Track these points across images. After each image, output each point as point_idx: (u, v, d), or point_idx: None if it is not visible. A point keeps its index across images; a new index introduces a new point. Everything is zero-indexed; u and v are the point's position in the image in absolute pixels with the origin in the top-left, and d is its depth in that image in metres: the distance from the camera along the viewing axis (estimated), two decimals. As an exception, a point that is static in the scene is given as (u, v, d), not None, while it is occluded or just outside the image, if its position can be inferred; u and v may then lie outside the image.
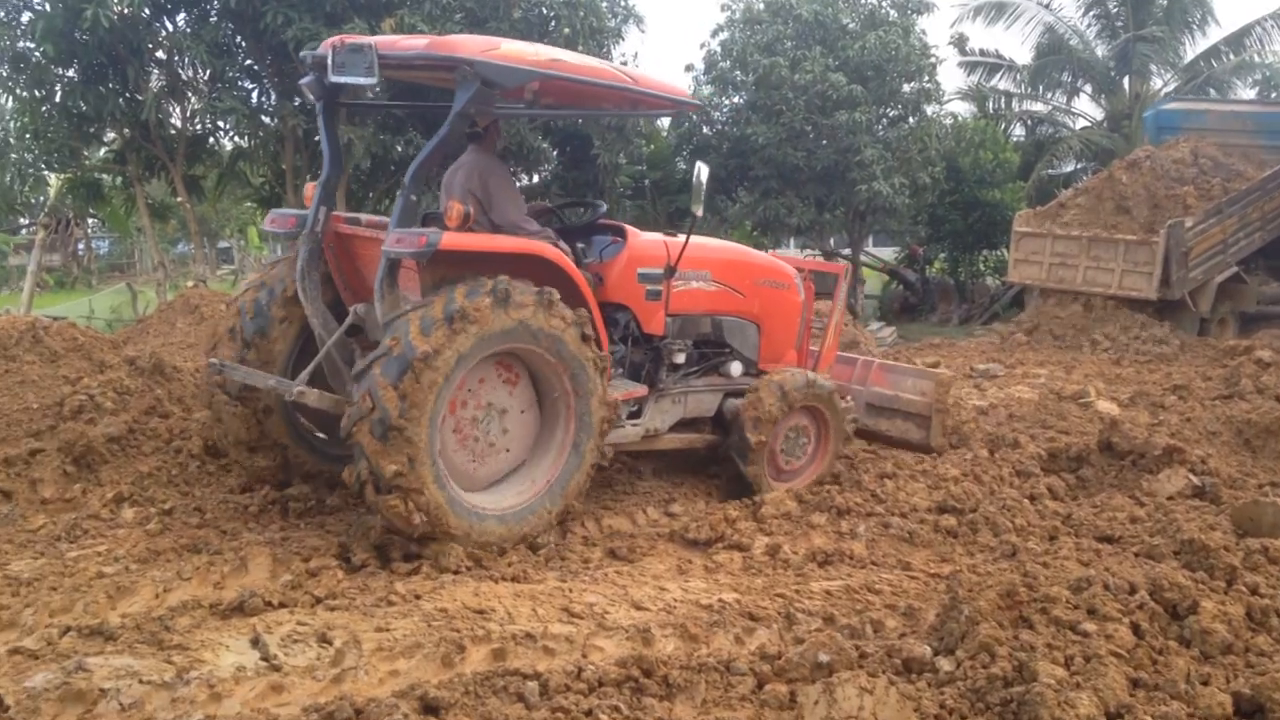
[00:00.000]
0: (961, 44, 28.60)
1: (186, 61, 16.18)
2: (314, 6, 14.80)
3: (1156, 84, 27.22)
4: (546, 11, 16.71)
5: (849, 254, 23.85)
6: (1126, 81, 27.12)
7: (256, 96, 17.47)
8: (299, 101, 16.70)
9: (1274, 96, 26.70)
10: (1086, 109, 29.12)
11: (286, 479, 6.49)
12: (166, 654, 4.06)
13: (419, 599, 4.84)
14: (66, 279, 32.32)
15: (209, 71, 16.29)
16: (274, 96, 17.20)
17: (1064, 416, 9.42)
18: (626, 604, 5.01)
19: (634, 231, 6.86)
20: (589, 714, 3.70)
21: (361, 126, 16.07)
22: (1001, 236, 22.82)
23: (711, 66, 21.60)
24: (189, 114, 17.15)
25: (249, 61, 16.95)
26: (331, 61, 5.65)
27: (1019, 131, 28.68)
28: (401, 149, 16.79)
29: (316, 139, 17.38)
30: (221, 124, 17.24)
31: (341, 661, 4.10)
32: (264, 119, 17.19)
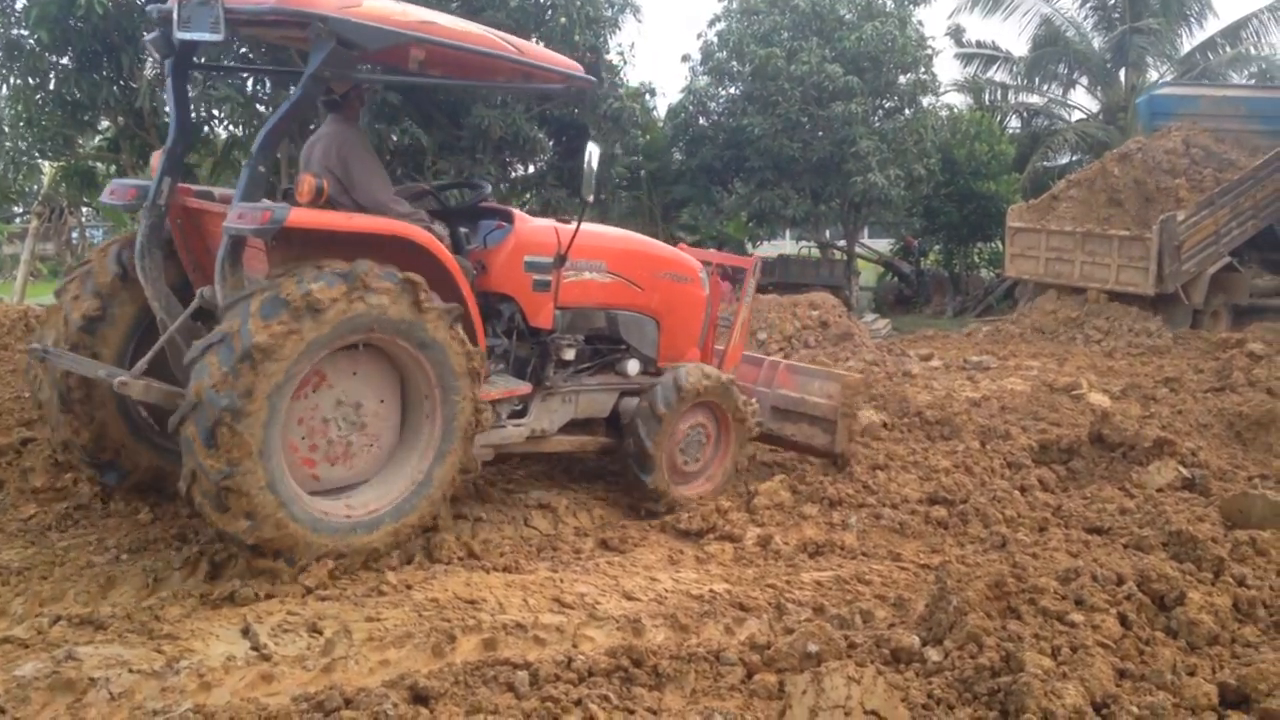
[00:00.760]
0: (958, 35, 28.66)
1: (181, 49, 16.08)
2: (309, -5, 14.74)
3: (1153, 76, 27.25)
4: (543, 1, 16.67)
5: (844, 245, 23.87)
6: (1123, 74, 27.14)
7: (251, 85, 17.43)
8: (294, 91, 16.66)
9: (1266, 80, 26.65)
10: (1083, 101, 29.21)
11: (132, 481, 5.86)
12: (156, 643, 4.05)
13: (410, 589, 4.85)
14: (60, 268, 32.26)
15: (203, 59, 16.21)
16: (269, 85, 17.16)
17: (1056, 408, 9.44)
18: (618, 594, 5.02)
19: (522, 216, 6.36)
20: (578, 704, 3.71)
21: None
22: (996, 229, 22.89)
23: (708, 57, 21.60)
24: (184, 103, 17.08)
25: (244, 49, 16.89)
26: (177, 16, 5.14)
27: (1015, 123, 28.73)
28: (397, 138, 16.76)
29: (313, 128, 17.34)
30: (216, 112, 17.18)
31: (332, 651, 4.11)
32: (259, 108, 17.15)
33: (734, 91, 21.53)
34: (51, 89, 16.00)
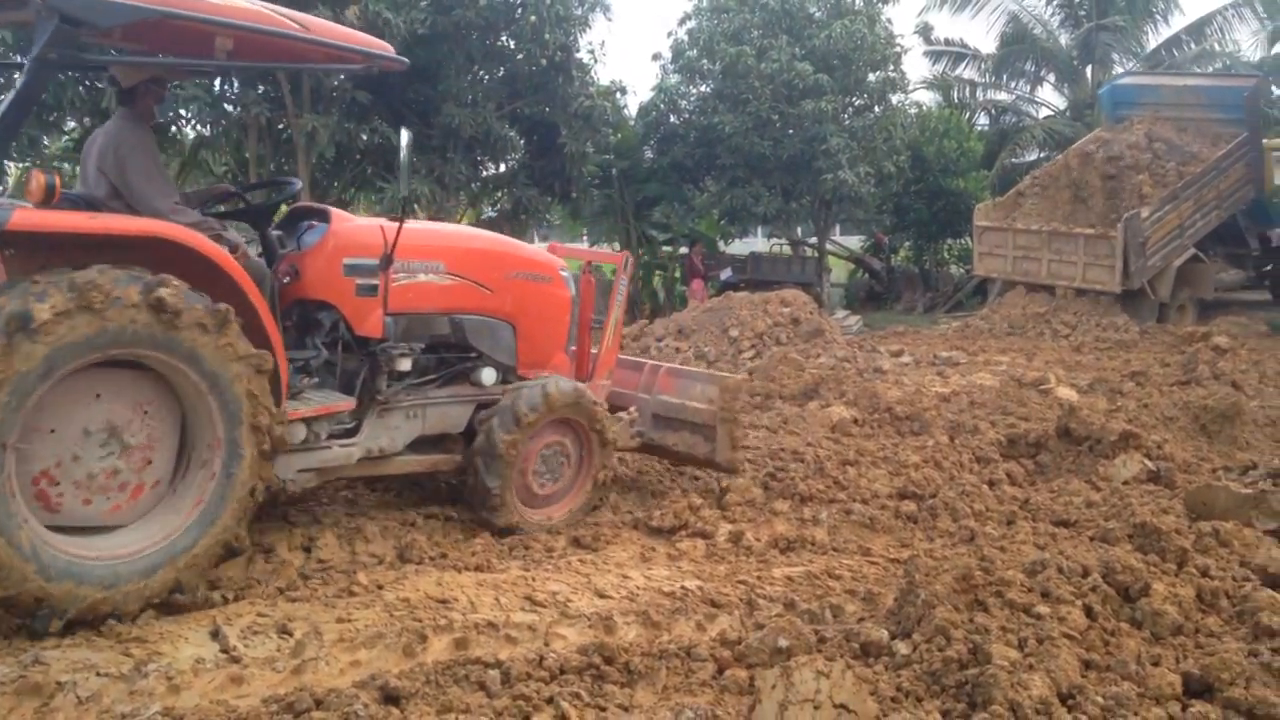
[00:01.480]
0: (926, 33, 28.79)
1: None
2: (277, -6, 14.66)
3: (1118, 72, 27.51)
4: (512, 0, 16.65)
5: (815, 242, 23.97)
6: (1089, 71, 27.40)
7: (219, 85, 17.29)
8: (262, 90, 16.55)
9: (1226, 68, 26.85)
10: (1050, 98, 29.48)
11: None
12: (124, 646, 4.03)
13: (381, 589, 4.84)
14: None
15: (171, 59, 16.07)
16: (237, 85, 17.03)
17: (1024, 403, 9.53)
18: (589, 592, 5.03)
19: (341, 215, 5.79)
20: (550, 701, 3.72)
21: (326, 115, 15.96)
22: (966, 225, 23.05)
23: (679, 55, 21.63)
24: (150, 102, 16.94)
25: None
26: None
27: (983, 120, 28.94)
28: (367, 137, 16.69)
29: (280, 127, 17.29)
30: (183, 112, 17.04)
31: (302, 652, 4.09)
32: (227, 107, 17.02)
33: (705, 89, 21.58)
34: (15, 89, 15.80)
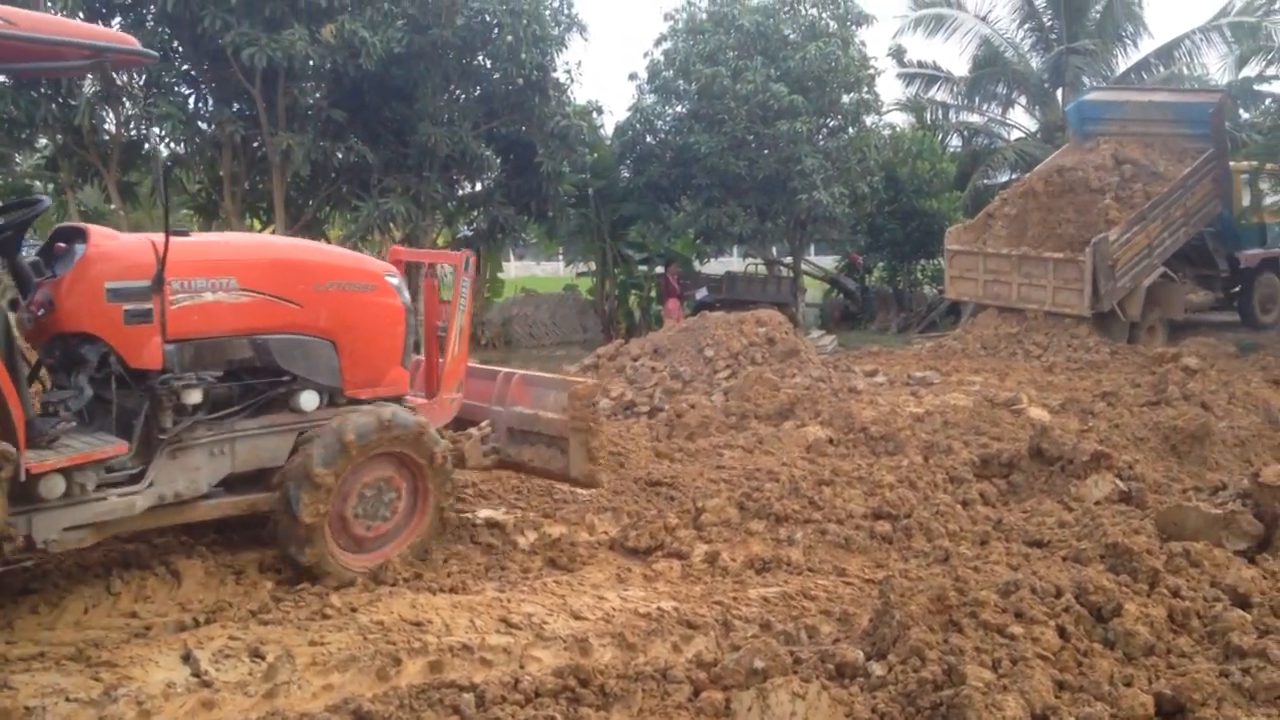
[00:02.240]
0: (900, 56, 29.05)
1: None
2: (253, 11, 14.63)
3: (1086, 87, 27.84)
4: (489, 19, 16.69)
5: (790, 262, 24.09)
6: (1060, 93, 27.69)
7: (193, 102, 17.24)
8: (237, 108, 16.50)
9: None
10: (1021, 120, 29.76)
11: None
12: (94, 670, 3.99)
13: (355, 611, 4.81)
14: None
15: (145, 77, 16.02)
16: (211, 103, 16.97)
17: (997, 423, 9.60)
18: (565, 614, 5.02)
19: (102, 233, 5.12)
20: (524, 724, 3.71)
21: (301, 133, 15.93)
22: (938, 245, 23.15)
23: (655, 75, 21.73)
24: (124, 120, 16.86)
25: (186, 67, 16.71)
26: None
27: (956, 142, 29.16)
28: (342, 156, 16.66)
29: (255, 145, 17.23)
30: (157, 130, 16.96)
31: (274, 676, 4.06)
32: (201, 125, 16.95)
33: (681, 110, 21.68)
34: (-13, 106, 15.69)
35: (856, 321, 24.93)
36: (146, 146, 17.02)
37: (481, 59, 17.79)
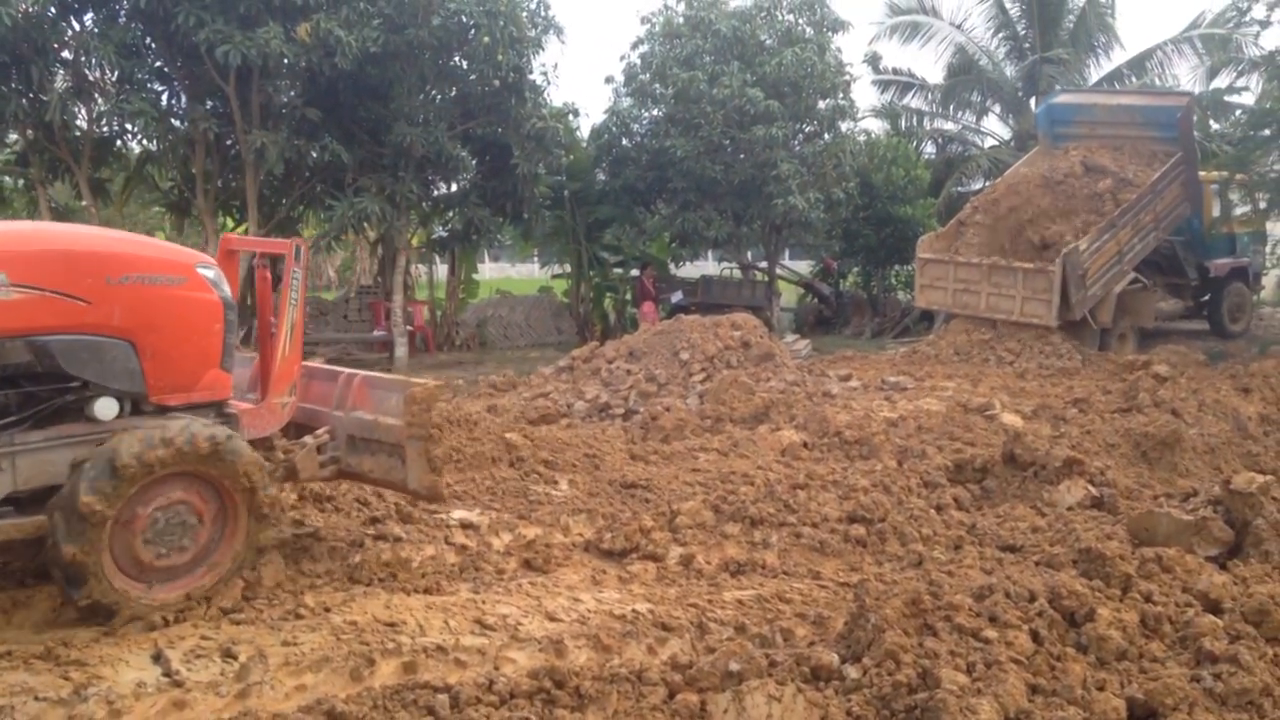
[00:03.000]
0: (875, 62, 29.19)
1: (94, 62, 15.78)
2: (227, 8, 14.54)
3: (1055, 90, 28.08)
4: (466, 20, 16.66)
5: (765, 267, 24.15)
6: (1033, 102, 27.90)
7: (166, 99, 17.12)
8: (210, 105, 16.38)
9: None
10: (995, 128, 29.99)
11: None
12: (64, 670, 3.95)
13: (328, 611, 4.78)
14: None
15: (117, 73, 15.90)
16: (184, 99, 16.86)
17: (970, 429, 9.65)
18: (540, 615, 5.01)
19: None
20: (500, 726, 3.69)
21: (275, 131, 15.83)
22: (912, 252, 23.29)
23: (631, 79, 21.76)
24: (96, 116, 16.71)
25: (159, 63, 16.59)
26: None
27: (930, 149, 29.32)
28: (316, 154, 16.58)
29: (229, 143, 17.12)
30: (130, 126, 16.83)
31: (246, 676, 4.03)
32: (174, 122, 16.83)
33: (657, 113, 21.72)
34: (-43, 101, 15.51)
35: (831, 326, 25.03)
36: (118, 144, 16.90)
37: (458, 60, 17.77)
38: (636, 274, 22.64)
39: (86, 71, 16.14)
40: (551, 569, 5.83)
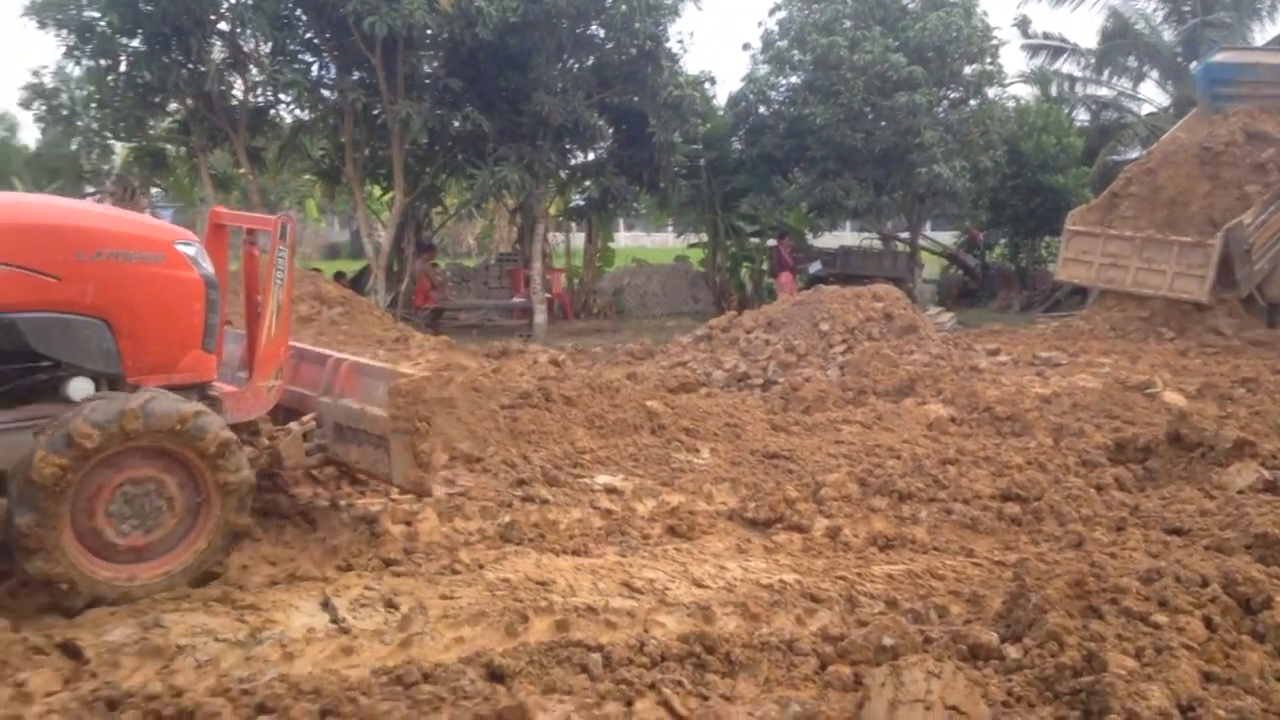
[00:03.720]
0: (1024, 26, 28.20)
1: (248, 34, 16.39)
2: (374, -20, 14.86)
3: (1212, 48, 26.58)
4: (604, -12, 16.67)
5: (906, 237, 23.62)
6: (1193, 67, 26.50)
7: (317, 70, 17.65)
8: (358, 76, 16.83)
9: None
10: (1153, 94, 28.59)
11: None
12: (240, 613, 4.15)
13: (482, 568, 4.90)
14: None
15: (270, 44, 16.48)
16: (334, 70, 17.35)
17: (1130, 407, 9.25)
18: (687, 581, 5.02)
19: None
20: (652, 687, 3.71)
21: (419, 101, 16.16)
22: (1064, 223, 22.50)
23: (769, 45, 21.47)
24: (250, 86, 17.36)
25: (309, 35, 17.10)
26: None
27: (1083, 116, 28.18)
28: (459, 124, 16.86)
29: (375, 112, 17.57)
30: (282, 97, 17.45)
31: (409, 626, 4.16)
32: (324, 92, 17.36)
33: (795, 80, 21.34)
34: (123, 71, 16.35)
35: (976, 299, 24.35)
36: (272, 113, 17.53)
37: (595, 28, 17.79)
38: (773, 244, 22.41)
39: (241, 43, 16.78)
40: (696, 536, 5.83)
